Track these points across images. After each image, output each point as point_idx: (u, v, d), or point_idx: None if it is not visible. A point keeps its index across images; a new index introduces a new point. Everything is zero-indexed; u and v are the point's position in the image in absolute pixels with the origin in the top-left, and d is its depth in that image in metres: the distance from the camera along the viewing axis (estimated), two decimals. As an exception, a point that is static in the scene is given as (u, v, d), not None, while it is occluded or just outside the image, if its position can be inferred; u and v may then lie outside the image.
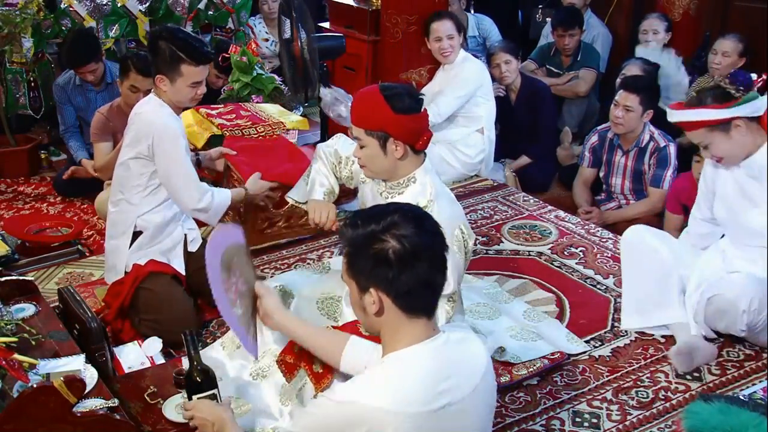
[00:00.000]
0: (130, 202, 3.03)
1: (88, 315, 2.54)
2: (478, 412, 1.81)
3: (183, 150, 2.95)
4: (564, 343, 2.97)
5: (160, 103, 2.96)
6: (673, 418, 2.59)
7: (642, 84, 4.09)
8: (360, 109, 2.50)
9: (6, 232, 3.77)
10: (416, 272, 1.72)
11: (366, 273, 1.75)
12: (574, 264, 3.59)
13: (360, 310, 1.82)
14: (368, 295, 1.75)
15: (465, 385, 1.77)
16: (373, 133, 2.45)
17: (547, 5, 6.00)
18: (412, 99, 2.48)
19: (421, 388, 1.71)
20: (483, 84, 4.43)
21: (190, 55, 2.86)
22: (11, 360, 2.15)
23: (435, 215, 2.43)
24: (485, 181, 4.53)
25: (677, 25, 5.11)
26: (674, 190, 3.81)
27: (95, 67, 4.45)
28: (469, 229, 2.58)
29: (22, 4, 4.55)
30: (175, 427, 2.34)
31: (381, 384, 1.72)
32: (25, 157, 4.84)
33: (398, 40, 4.88)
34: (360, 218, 1.79)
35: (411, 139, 2.47)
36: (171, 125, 2.93)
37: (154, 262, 3.04)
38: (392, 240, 1.71)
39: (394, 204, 1.85)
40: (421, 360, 1.74)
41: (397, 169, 2.53)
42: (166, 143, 2.91)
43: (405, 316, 1.75)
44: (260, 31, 5.87)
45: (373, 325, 1.82)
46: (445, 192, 2.59)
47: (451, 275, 2.47)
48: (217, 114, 4.01)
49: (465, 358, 1.82)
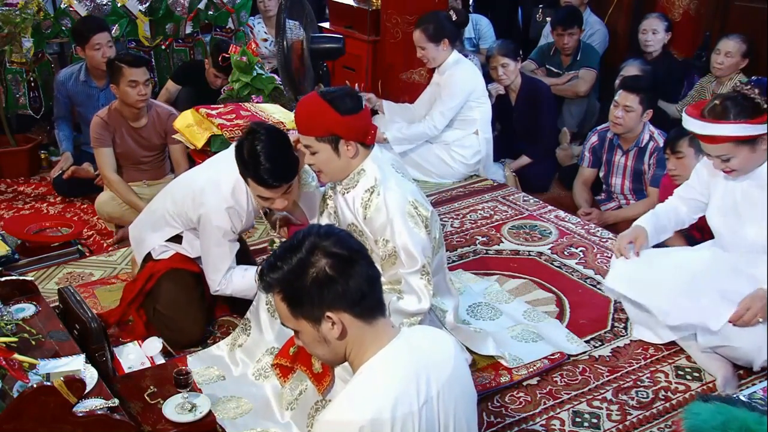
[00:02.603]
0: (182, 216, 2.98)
1: (88, 315, 2.53)
2: (458, 396, 1.80)
3: (219, 239, 2.85)
4: (564, 343, 2.97)
5: (233, 188, 2.83)
6: (673, 418, 2.59)
7: (642, 84, 4.09)
8: (305, 117, 2.55)
9: (6, 232, 3.76)
10: (358, 274, 1.70)
11: (316, 302, 1.68)
12: (574, 264, 3.59)
13: (319, 343, 1.74)
14: (325, 322, 1.70)
15: (440, 373, 1.75)
16: (324, 138, 2.52)
17: (547, 5, 6.00)
18: (354, 98, 2.54)
19: (404, 388, 1.69)
20: (475, 88, 4.42)
21: (255, 177, 2.71)
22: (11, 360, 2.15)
23: (381, 198, 2.52)
24: (485, 181, 4.54)
25: (677, 25, 5.12)
26: (665, 184, 3.79)
27: (108, 38, 4.45)
28: (423, 200, 2.62)
29: (22, 4, 4.54)
30: (175, 427, 2.34)
31: (365, 396, 1.68)
32: (25, 157, 4.84)
33: (398, 40, 4.89)
34: (276, 259, 1.72)
35: (360, 136, 2.55)
36: (221, 219, 2.83)
37: (180, 258, 3.03)
38: (322, 257, 1.68)
39: (297, 233, 1.78)
40: (395, 361, 1.72)
41: (351, 167, 2.60)
42: (207, 227, 2.86)
43: (366, 324, 1.72)
44: (259, 31, 5.87)
45: (338, 351, 1.75)
46: (393, 174, 2.61)
47: (414, 248, 2.50)
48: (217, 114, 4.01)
49: (433, 347, 1.81)
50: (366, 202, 2.56)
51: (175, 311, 2.95)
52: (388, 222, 2.51)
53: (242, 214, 2.87)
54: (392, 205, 2.52)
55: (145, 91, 3.89)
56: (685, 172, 3.37)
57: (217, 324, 3.12)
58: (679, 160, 3.50)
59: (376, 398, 1.66)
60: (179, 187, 3.01)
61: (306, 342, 1.78)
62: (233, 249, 2.91)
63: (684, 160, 3.47)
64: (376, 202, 2.53)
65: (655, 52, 5.01)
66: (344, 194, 2.65)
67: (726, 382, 2.71)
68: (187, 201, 2.90)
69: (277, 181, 2.69)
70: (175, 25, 5.20)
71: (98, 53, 4.40)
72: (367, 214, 2.56)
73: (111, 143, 3.99)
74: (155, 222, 3.04)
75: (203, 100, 4.37)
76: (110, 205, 4.01)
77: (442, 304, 2.74)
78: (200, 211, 2.84)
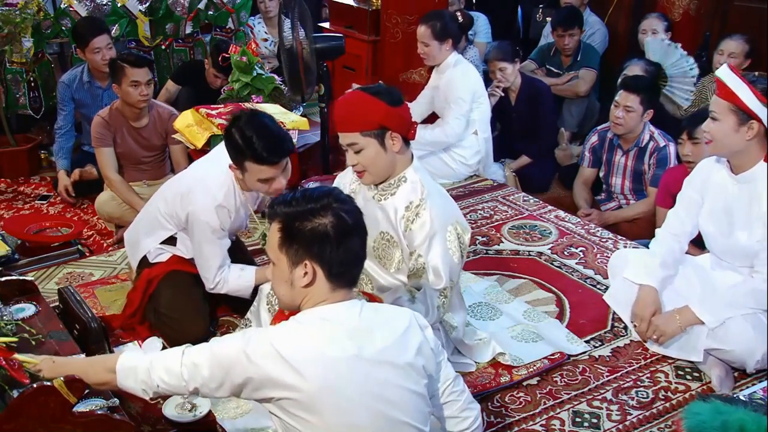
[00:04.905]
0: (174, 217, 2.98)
1: (88, 315, 2.53)
2: (397, 368, 1.82)
3: (208, 236, 2.84)
4: (564, 343, 2.97)
5: (220, 185, 2.83)
6: (673, 418, 2.59)
7: (642, 84, 4.09)
8: (351, 113, 2.51)
9: (6, 232, 3.76)
10: (351, 247, 1.82)
11: (303, 246, 1.80)
12: (574, 264, 3.59)
13: (285, 283, 1.84)
14: (300, 268, 1.81)
15: (380, 338, 1.82)
16: (371, 132, 2.48)
17: (547, 5, 6.00)
18: (396, 92, 2.57)
19: (329, 333, 1.78)
20: (475, 89, 4.42)
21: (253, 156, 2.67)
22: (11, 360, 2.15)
23: (427, 212, 2.48)
24: (485, 181, 4.54)
25: (677, 25, 5.12)
26: (664, 182, 3.79)
27: (108, 41, 4.45)
28: (464, 222, 2.60)
29: (22, 4, 4.55)
30: (175, 427, 2.34)
31: (298, 331, 1.79)
32: (25, 157, 4.85)
33: (398, 40, 4.88)
34: (294, 198, 1.84)
35: (405, 129, 2.53)
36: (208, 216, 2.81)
37: (176, 260, 3.03)
38: (331, 216, 1.79)
39: (320, 187, 1.90)
40: (334, 314, 1.82)
41: (395, 165, 2.56)
42: (196, 226, 2.85)
43: (331, 287, 1.83)
44: (259, 31, 5.87)
45: (295, 298, 1.86)
46: (436, 188, 2.60)
47: (443, 270, 2.48)
48: (217, 114, 4.01)
49: (383, 317, 1.89)
50: (412, 216, 2.52)
51: (177, 312, 2.94)
52: (427, 239, 2.49)
53: (231, 212, 2.87)
54: (436, 224, 2.49)
55: (147, 92, 3.89)
56: (700, 158, 3.38)
57: (217, 324, 3.12)
58: (696, 145, 3.54)
59: (308, 335, 1.78)
60: (170, 187, 3.01)
61: (275, 276, 1.89)
62: (224, 246, 2.90)
63: (700, 146, 3.49)
64: (423, 219, 2.49)
65: (655, 52, 5.01)
66: (380, 201, 2.61)
67: (721, 382, 2.71)
68: (176, 200, 2.90)
69: (275, 156, 2.67)
70: (175, 25, 5.20)
71: (98, 56, 4.41)
72: (411, 227, 2.52)
73: (112, 143, 3.99)
74: (150, 224, 3.05)
75: (203, 100, 4.37)
76: (110, 205, 4.01)
77: (452, 320, 2.72)
78: (188, 209, 2.84)
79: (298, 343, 1.77)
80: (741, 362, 2.73)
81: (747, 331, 2.66)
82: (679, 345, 2.81)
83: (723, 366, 2.76)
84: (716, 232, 2.80)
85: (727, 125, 2.61)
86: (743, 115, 2.57)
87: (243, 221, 3.06)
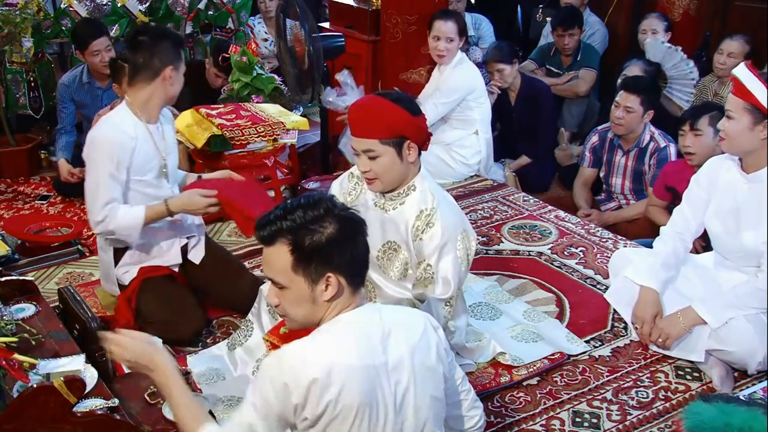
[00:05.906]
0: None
1: (88, 315, 2.53)
2: (421, 366, 1.82)
3: (105, 165, 2.78)
4: (564, 343, 2.97)
5: (122, 118, 2.86)
6: (673, 418, 2.59)
7: (643, 85, 4.09)
8: (371, 120, 2.43)
9: (6, 232, 3.76)
10: (362, 243, 1.79)
11: (322, 261, 1.71)
12: (574, 264, 3.59)
13: (306, 302, 1.75)
14: (322, 283, 1.73)
15: (403, 342, 1.79)
16: (390, 141, 2.43)
17: (547, 5, 6.00)
18: (414, 100, 2.53)
19: (364, 342, 1.74)
20: (475, 89, 4.40)
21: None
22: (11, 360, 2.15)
23: (438, 222, 2.47)
24: (485, 181, 4.53)
25: (677, 25, 5.11)
26: (663, 173, 3.79)
27: (107, 43, 4.45)
28: (470, 230, 2.60)
29: (22, 4, 4.55)
30: (175, 427, 2.33)
31: (324, 341, 1.74)
32: (25, 157, 4.84)
33: (398, 40, 4.88)
34: (286, 212, 1.73)
35: (421, 139, 2.49)
36: (106, 140, 2.81)
37: (145, 270, 3.00)
38: (335, 219, 1.73)
39: (310, 194, 1.82)
40: (360, 319, 1.78)
41: (408, 175, 2.53)
42: (92, 155, 2.83)
43: (351, 291, 1.78)
44: (259, 31, 5.87)
45: (317, 314, 1.78)
46: (444, 196, 2.60)
47: (452, 279, 2.49)
48: (217, 114, 4.01)
49: (401, 318, 1.86)
50: (422, 225, 2.50)
51: (165, 314, 2.92)
52: (437, 249, 2.48)
53: (128, 145, 2.79)
54: (446, 235, 2.48)
55: None
56: (700, 150, 3.37)
57: (217, 324, 3.12)
58: (697, 137, 3.54)
59: (333, 344, 1.72)
60: None
61: (289, 299, 1.77)
62: (116, 188, 2.81)
63: (701, 138, 3.51)
64: (434, 230, 2.48)
65: (655, 52, 5.01)
66: (387, 211, 2.59)
67: (722, 381, 2.71)
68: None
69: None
70: (175, 25, 5.20)
71: (97, 58, 4.42)
72: (422, 237, 2.51)
73: None
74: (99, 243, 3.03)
75: (203, 100, 4.38)
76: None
77: (453, 327, 2.71)
78: (90, 136, 2.85)
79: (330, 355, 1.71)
80: (742, 363, 2.73)
81: (749, 332, 2.66)
82: (680, 345, 2.81)
83: (724, 366, 2.76)
84: (723, 231, 2.79)
85: (742, 124, 2.60)
86: (758, 114, 2.57)
87: (151, 159, 2.92)
